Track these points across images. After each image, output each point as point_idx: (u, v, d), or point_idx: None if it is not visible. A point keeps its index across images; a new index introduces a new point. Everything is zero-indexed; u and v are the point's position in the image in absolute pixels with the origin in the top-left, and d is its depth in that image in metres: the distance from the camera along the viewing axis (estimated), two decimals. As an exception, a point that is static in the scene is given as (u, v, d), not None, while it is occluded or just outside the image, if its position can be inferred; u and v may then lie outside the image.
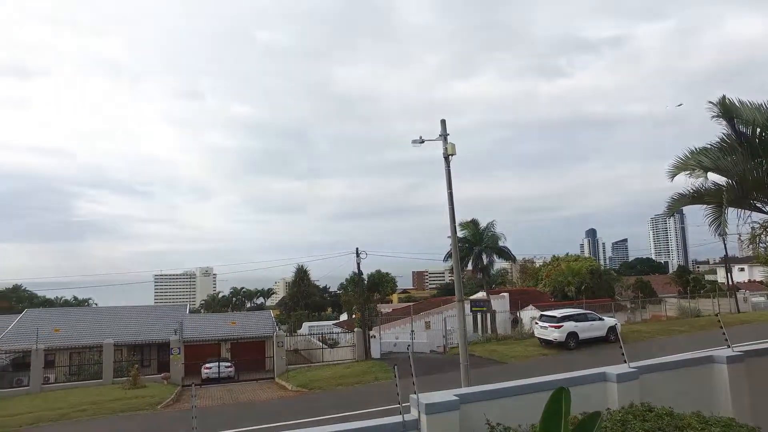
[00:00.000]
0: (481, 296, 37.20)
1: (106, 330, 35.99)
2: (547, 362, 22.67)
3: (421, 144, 15.98)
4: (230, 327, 38.85)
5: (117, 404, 19.84)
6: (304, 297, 72.99)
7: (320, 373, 25.73)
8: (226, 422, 15.00)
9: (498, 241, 36.43)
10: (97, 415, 18.23)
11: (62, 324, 37.28)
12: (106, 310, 45.18)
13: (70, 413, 18.46)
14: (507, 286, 69.33)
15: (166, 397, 21.61)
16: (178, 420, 17.01)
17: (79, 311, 48.87)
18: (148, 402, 20.31)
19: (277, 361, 29.07)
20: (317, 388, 21.75)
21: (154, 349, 36.24)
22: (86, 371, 29.01)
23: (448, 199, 15.66)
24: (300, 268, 74.44)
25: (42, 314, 41.11)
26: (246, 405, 20.18)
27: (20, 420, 17.93)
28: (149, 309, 48.41)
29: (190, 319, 40.87)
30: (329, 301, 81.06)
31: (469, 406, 5.01)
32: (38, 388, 25.45)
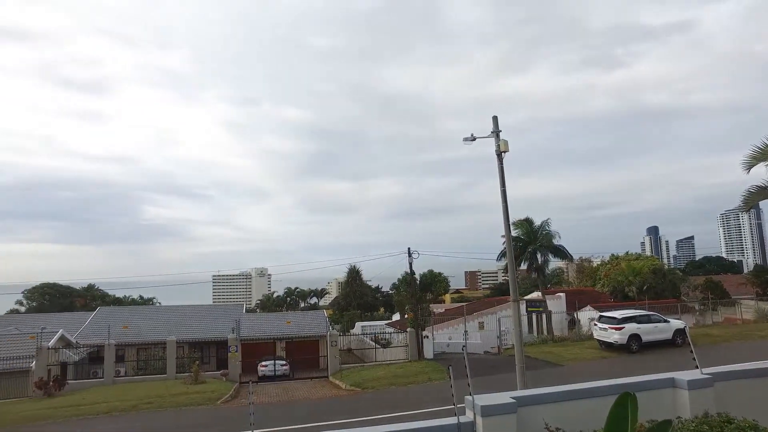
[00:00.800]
0: (537, 296, 36.22)
1: (169, 328, 37.76)
2: (607, 365, 21.73)
3: (473, 141, 15.68)
4: (285, 326, 39.76)
5: (180, 398, 20.68)
6: (357, 297, 73.69)
7: (373, 372, 25.81)
8: (282, 419, 15.32)
9: (553, 240, 35.37)
10: (163, 408, 19.08)
11: (130, 321, 39.48)
12: (168, 309, 47.38)
13: (138, 405, 19.43)
14: (563, 286, 67.12)
15: (225, 393, 22.31)
16: (237, 415, 17.52)
17: (145, 310, 51.53)
18: (209, 397, 21.04)
19: (331, 360, 29.43)
20: (370, 388, 21.83)
21: (213, 346, 37.63)
22: (152, 366, 30.50)
23: (502, 197, 15.29)
24: (352, 268, 75.23)
25: (113, 312, 43.68)
26: (301, 403, 20.54)
27: (97, 409, 19.08)
28: (208, 308, 50.35)
29: (247, 318, 42.18)
30: (381, 301, 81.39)
31: (527, 409, 4.83)
32: (111, 381, 26.99)
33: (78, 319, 41.61)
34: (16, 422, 17.83)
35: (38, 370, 25.34)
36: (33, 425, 17.30)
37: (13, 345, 30.00)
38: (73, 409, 19.29)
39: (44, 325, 33.24)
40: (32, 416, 18.58)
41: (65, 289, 71.09)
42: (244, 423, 14.51)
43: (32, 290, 69.06)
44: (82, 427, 16.44)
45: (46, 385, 23.98)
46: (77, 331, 36.78)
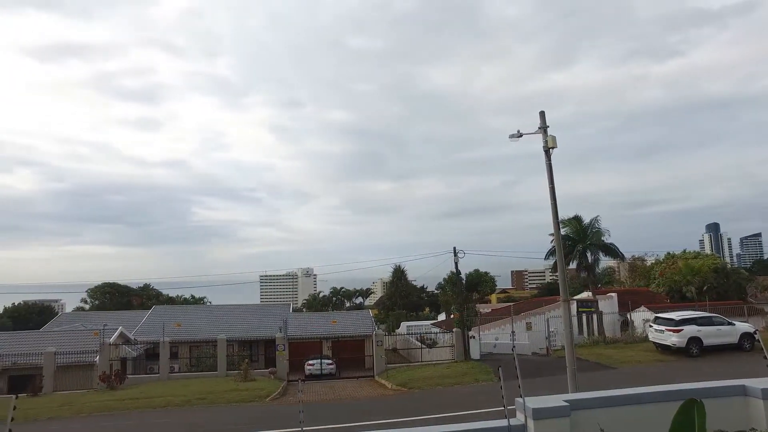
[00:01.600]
0: (587, 296, 35.06)
1: (219, 326, 38.91)
2: (664, 370, 20.72)
3: (519, 138, 15.32)
4: (331, 325, 40.19)
5: (230, 395, 21.26)
6: (402, 297, 73.63)
7: (419, 372, 25.70)
8: (329, 417, 15.45)
9: (603, 238, 34.15)
10: (215, 404, 19.67)
11: (183, 320, 40.97)
12: (218, 308, 48.86)
13: (192, 400, 20.13)
14: (614, 285, 64.72)
15: (273, 390, 22.75)
16: (285, 413, 17.84)
17: (197, 309, 53.32)
18: (258, 394, 21.53)
19: (377, 359, 29.52)
20: (416, 388, 21.74)
21: (261, 345, 38.48)
22: (203, 363, 31.53)
23: (550, 194, 14.85)
24: (397, 268, 75.20)
25: (167, 311, 45.47)
26: (347, 401, 20.69)
27: (154, 402, 19.94)
28: (256, 308, 51.54)
29: (294, 318, 42.91)
30: (426, 300, 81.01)
31: (581, 413, 4.62)
32: (166, 376, 28.10)
33: (135, 317, 43.59)
34: (86, 411, 18.92)
35: (101, 364, 26.69)
36: (101, 415, 18.29)
37: (79, 340, 31.78)
38: (133, 402, 20.22)
39: (106, 323, 35.01)
40: (99, 407, 19.63)
41: (123, 289, 74.64)
42: (292, 420, 14.73)
43: (94, 289, 72.90)
44: (143, 419, 17.18)
45: (109, 378, 25.23)
46: (134, 328, 38.50)
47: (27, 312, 66.89)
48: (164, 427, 15.68)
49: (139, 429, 15.70)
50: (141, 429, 15.67)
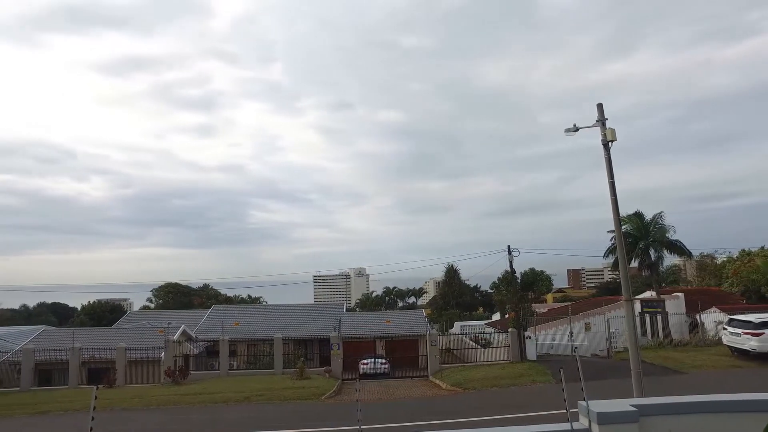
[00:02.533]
0: (650, 296, 33.37)
1: (275, 325, 39.88)
2: (743, 376, 19.30)
3: (575, 132, 14.76)
4: (385, 325, 40.32)
5: (287, 392, 21.71)
6: (455, 296, 73.00)
7: (474, 373, 25.32)
8: (385, 416, 15.46)
9: (667, 234, 32.38)
10: (272, 401, 20.15)
11: (241, 319, 42.35)
12: (274, 308, 50.09)
13: (251, 397, 20.72)
14: (680, 285, 61.30)
15: (329, 389, 23.03)
16: (341, 411, 18.02)
17: (254, 308, 54.88)
18: (313, 393, 21.86)
19: (431, 359, 29.34)
20: (472, 388, 21.42)
21: (316, 344, 39.11)
22: (260, 361, 32.42)
23: (610, 190, 14.21)
24: (450, 267, 74.66)
25: (225, 310, 47.12)
26: (402, 401, 20.65)
27: (215, 398, 20.68)
28: (311, 307, 52.48)
29: (348, 317, 43.38)
30: (480, 300, 79.87)
31: (651, 419, 4.35)
32: (226, 373, 29.10)
33: (196, 316, 45.49)
34: (154, 404, 19.91)
35: (166, 360, 27.99)
36: (167, 407, 19.18)
37: (146, 337, 33.51)
38: (196, 397, 21.07)
39: (170, 321, 36.73)
40: (165, 400, 20.61)
41: (184, 289, 78.13)
42: (349, 419, 14.86)
43: (158, 289, 76.77)
44: (206, 413, 17.85)
45: (173, 373, 26.42)
46: (195, 326, 40.16)
47: (101, 310, 71.29)
48: (228, 422, 16.20)
49: (206, 422, 16.28)
50: (209, 422, 16.25)
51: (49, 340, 33.63)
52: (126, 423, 16.36)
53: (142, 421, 16.86)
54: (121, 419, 17.03)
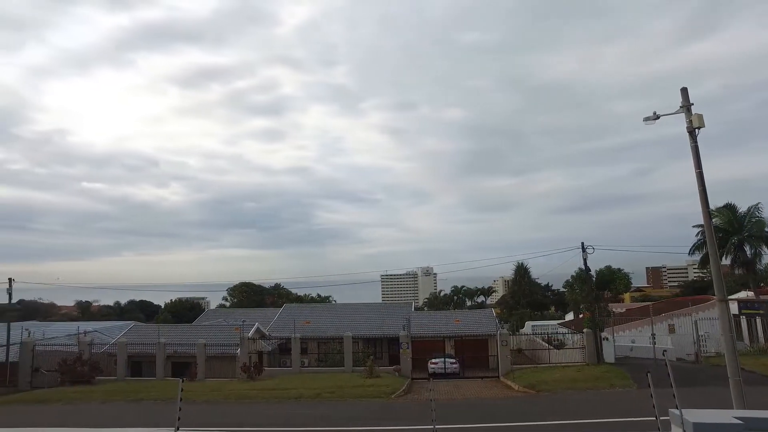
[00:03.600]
0: (747, 296, 30.65)
1: (344, 324, 40.44)
2: None
3: (656, 120, 13.73)
4: (454, 324, 39.81)
5: (357, 390, 21.92)
6: (525, 295, 70.93)
7: (547, 374, 24.39)
8: (457, 417, 15.18)
9: (765, 228, 29.60)
10: (343, 398, 20.41)
11: (310, 317, 43.37)
12: (343, 307, 50.86)
13: (322, 393, 21.11)
14: (781, 284, 55.86)
15: (398, 388, 22.98)
16: (411, 410, 17.95)
17: (323, 307, 56.09)
18: (383, 391, 21.91)
19: (502, 359, 28.60)
20: (545, 390, 20.61)
21: (385, 342, 39.27)
22: (330, 359, 33.00)
23: (698, 180, 13.08)
24: (520, 265, 72.62)
25: (296, 309, 48.43)
26: (473, 401, 20.24)
27: (288, 394, 21.30)
28: (379, 306, 52.76)
29: (416, 316, 43.23)
30: (552, 299, 77.09)
31: (760, 435, 3.86)
32: (297, 370, 29.88)
33: (268, 314, 47.07)
34: (232, 397, 20.83)
35: (242, 356, 29.19)
36: (244, 401, 19.96)
37: (222, 334, 35.14)
38: (270, 392, 21.77)
39: (244, 319, 38.27)
40: (242, 394, 21.48)
41: (257, 288, 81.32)
42: (419, 417, 14.73)
43: (233, 289, 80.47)
44: (280, 408, 18.39)
45: (249, 369, 27.49)
46: (268, 324, 41.58)
47: (182, 308, 75.72)
48: (302, 417, 16.56)
49: (281, 418, 16.74)
50: (284, 417, 16.70)
51: (138, 334, 36.12)
52: (208, 415, 17.14)
53: (221, 413, 17.61)
54: (203, 411, 17.88)
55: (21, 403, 22.36)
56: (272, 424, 14.68)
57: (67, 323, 51.31)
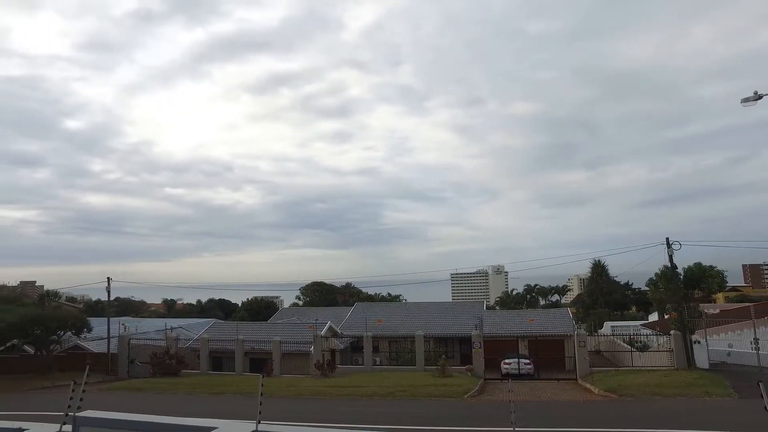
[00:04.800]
0: None
1: (415, 323, 40.38)
2: None
3: (757, 101, 12.49)
4: (527, 324, 38.61)
5: (429, 389, 21.73)
6: (603, 294, 67.57)
7: (630, 378, 22.96)
8: (535, 420, 14.61)
9: None
10: (415, 397, 20.30)
11: (382, 316, 43.67)
12: (414, 306, 50.78)
13: (394, 392, 21.12)
14: None
15: (471, 388, 22.58)
16: (487, 410, 17.51)
17: (394, 306, 56.27)
18: (455, 391, 21.59)
19: (579, 361, 27.33)
20: (629, 395, 19.39)
21: (456, 342, 38.78)
22: (402, 358, 33.05)
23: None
24: (597, 263, 69.34)
25: (367, 308, 48.96)
26: (550, 404, 19.44)
27: (361, 391, 21.53)
28: (450, 305, 52.29)
29: (488, 316, 42.35)
30: (633, 298, 72.83)
31: None
32: (370, 368, 30.17)
33: (340, 313, 47.90)
34: (306, 393, 21.37)
35: (315, 353, 29.89)
36: (318, 398, 20.44)
37: (296, 332, 36.18)
38: (343, 389, 22.11)
39: (317, 317, 39.21)
40: (316, 391, 21.98)
41: (329, 287, 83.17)
42: (495, 419, 14.34)
43: (305, 288, 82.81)
44: (354, 406, 18.59)
45: (322, 366, 28.09)
46: (340, 323, 42.32)
47: (257, 306, 78.85)
48: (376, 415, 16.64)
49: (357, 414, 16.93)
50: (358, 415, 16.88)
51: (218, 331, 38.03)
52: (285, 410, 17.66)
53: (297, 409, 18.07)
54: (280, 406, 18.44)
55: (123, 390, 24.43)
56: (348, 421, 14.84)
57: (155, 319, 55.16)
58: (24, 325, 29.34)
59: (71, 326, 31.75)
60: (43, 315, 31.15)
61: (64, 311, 35.39)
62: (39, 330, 30.28)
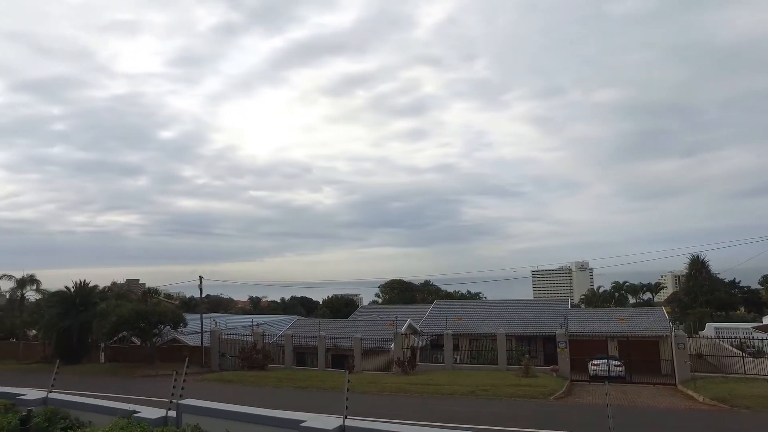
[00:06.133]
0: None
1: (496, 321, 39.42)
2: None
3: None
4: (617, 323, 36.41)
5: (513, 389, 21.04)
6: (704, 293, 62.26)
7: (743, 387, 20.83)
8: (632, 428, 13.64)
9: None
10: (498, 397, 19.74)
11: (461, 314, 43.05)
12: (494, 303, 49.61)
13: (476, 391, 20.68)
14: None
15: (557, 389, 21.63)
16: (577, 413, 16.63)
17: (474, 304, 55.40)
18: (540, 391, 20.75)
19: (679, 365, 25.29)
20: (743, 406, 17.51)
21: (540, 341, 37.39)
22: (483, 357, 32.31)
23: None
24: (695, 258, 64.12)
25: (446, 305, 48.53)
26: (647, 411, 18.07)
27: (442, 390, 21.33)
28: (532, 303, 50.59)
29: (573, 314, 40.44)
30: (741, 298, 66.50)
31: None
32: (450, 367, 29.80)
33: (418, 310, 47.79)
34: (387, 390, 21.47)
35: (396, 351, 29.98)
36: (400, 395, 20.48)
37: (376, 329, 36.55)
38: (424, 387, 21.98)
39: (396, 315, 39.36)
40: (397, 388, 22.02)
41: (407, 285, 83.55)
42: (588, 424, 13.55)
43: (384, 285, 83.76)
44: (435, 404, 18.42)
45: (403, 364, 28.14)
46: (419, 320, 42.20)
47: (338, 303, 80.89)
48: (459, 414, 16.36)
49: (439, 412, 16.74)
50: (441, 413, 16.69)
51: (301, 327, 39.29)
52: (368, 406, 17.80)
53: (380, 405, 18.15)
54: (363, 402, 18.62)
55: (216, 381, 25.98)
56: (431, 419, 14.67)
57: (242, 316, 58.18)
58: (132, 318, 32.13)
59: (170, 321, 34.20)
60: (146, 310, 33.82)
61: (163, 307, 38.19)
62: (143, 324, 32.93)
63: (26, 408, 7.25)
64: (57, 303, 35.33)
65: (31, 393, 8.27)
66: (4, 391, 8.60)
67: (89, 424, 6.98)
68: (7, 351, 40.96)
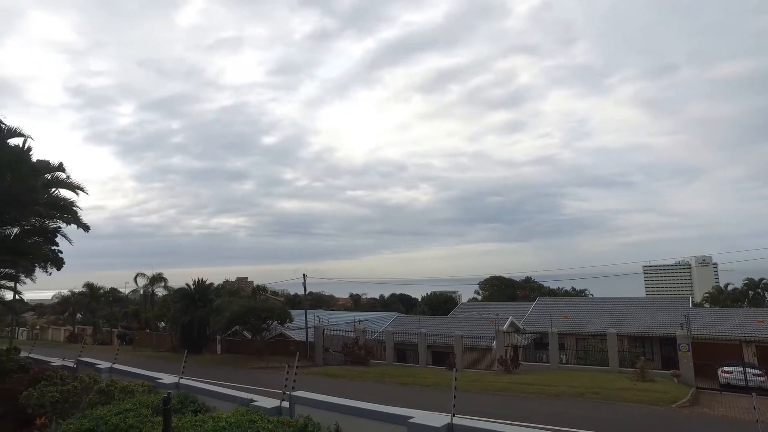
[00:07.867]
0: None
1: (605, 320, 37.13)
2: None
3: None
4: (755, 325, 32.53)
5: (626, 393, 19.59)
6: None
7: None
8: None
9: None
10: (609, 400, 18.46)
11: (567, 312, 41.04)
12: (603, 301, 46.72)
13: (585, 393, 19.53)
14: None
15: (680, 396, 19.74)
16: (704, 426, 15.11)
17: (580, 301, 52.55)
18: (660, 398, 19.08)
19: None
20: None
21: (656, 342, 34.62)
22: (591, 357, 30.54)
23: None
24: None
25: (550, 302, 46.56)
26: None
27: (548, 390, 20.39)
28: (646, 301, 47.04)
29: (696, 313, 36.89)
30: None
31: None
32: (555, 366, 28.51)
33: (520, 308, 46.32)
34: (491, 389, 20.98)
35: (498, 349, 29.29)
36: (504, 394, 19.93)
37: (477, 326, 35.99)
38: (529, 387, 21.18)
39: (497, 312, 38.44)
40: (501, 387, 21.46)
41: (508, 281, 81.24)
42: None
43: (484, 282, 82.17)
44: (541, 405, 17.66)
45: (505, 362, 27.41)
46: (521, 318, 40.86)
47: (437, 300, 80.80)
48: (568, 417, 15.58)
49: (546, 414, 16.09)
50: (549, 415, 16.03)
51: (400, 324, 39.78)
52: (471, 404, 17.53)
53: (484, 404, 17.81)
54: (466, 400, 18.30)
55: (321, 375, 27.09)
56: (537, 420, 14.08)
57: (343, 312, 60.10)
58: (243, 314, 34.61)
59: (277, 317, 36.30)
60: (255, 306, 36.23)
61: (270, 303, 40.64)
62: (253, 319, 35.29)
63: (165, 390, 8.33)
64: (180, 299, 39.04)
65: (166, 378, 9.78)
66: (147, 375, 10.61)
67: (213, 409, 7.63)
68: (145, 340, 47.58)
